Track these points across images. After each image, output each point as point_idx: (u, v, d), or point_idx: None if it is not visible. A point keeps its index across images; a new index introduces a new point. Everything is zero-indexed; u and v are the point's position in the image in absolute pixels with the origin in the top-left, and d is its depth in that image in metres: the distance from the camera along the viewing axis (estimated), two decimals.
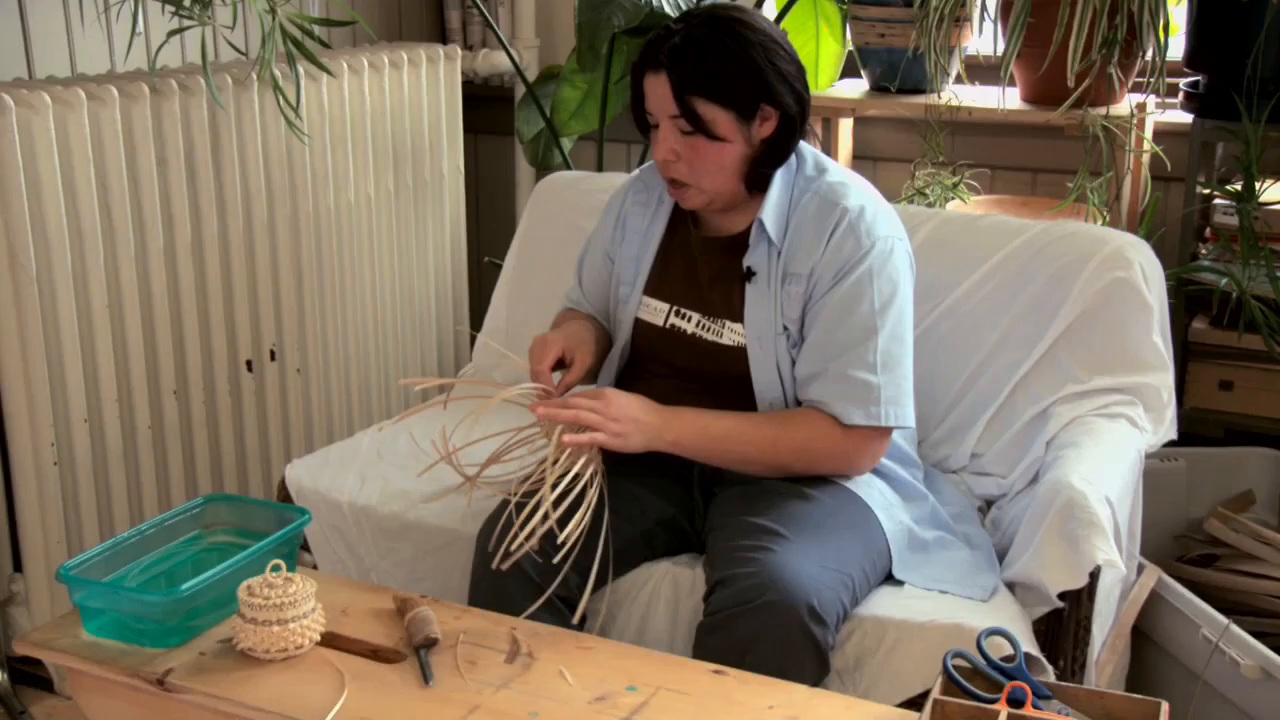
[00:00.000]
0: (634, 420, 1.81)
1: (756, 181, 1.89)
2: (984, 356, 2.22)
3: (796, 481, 1.86)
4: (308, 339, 2.79)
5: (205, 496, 1.88)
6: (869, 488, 1.90)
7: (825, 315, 1.86)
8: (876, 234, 1.85)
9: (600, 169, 2.94)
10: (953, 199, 2.81)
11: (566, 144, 3.09)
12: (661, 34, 1.85)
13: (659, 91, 1.84)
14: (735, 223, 1.95)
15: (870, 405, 1.83)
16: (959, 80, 2.84)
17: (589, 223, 2.26)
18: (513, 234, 2.68)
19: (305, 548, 2.15)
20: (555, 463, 1.75)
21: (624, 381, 2.03)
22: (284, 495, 2.19)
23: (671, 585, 1.89)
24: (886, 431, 1.87)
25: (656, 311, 1.99)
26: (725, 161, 1.86)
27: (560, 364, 1.93)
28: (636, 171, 2.12)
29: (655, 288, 2.01)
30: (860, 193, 1.90)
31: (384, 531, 2.09)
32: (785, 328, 1.88)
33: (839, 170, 1.94)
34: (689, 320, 1.96)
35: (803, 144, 1.94)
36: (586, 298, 2.13)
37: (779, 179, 1.90)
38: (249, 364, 2.68)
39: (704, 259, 1.97)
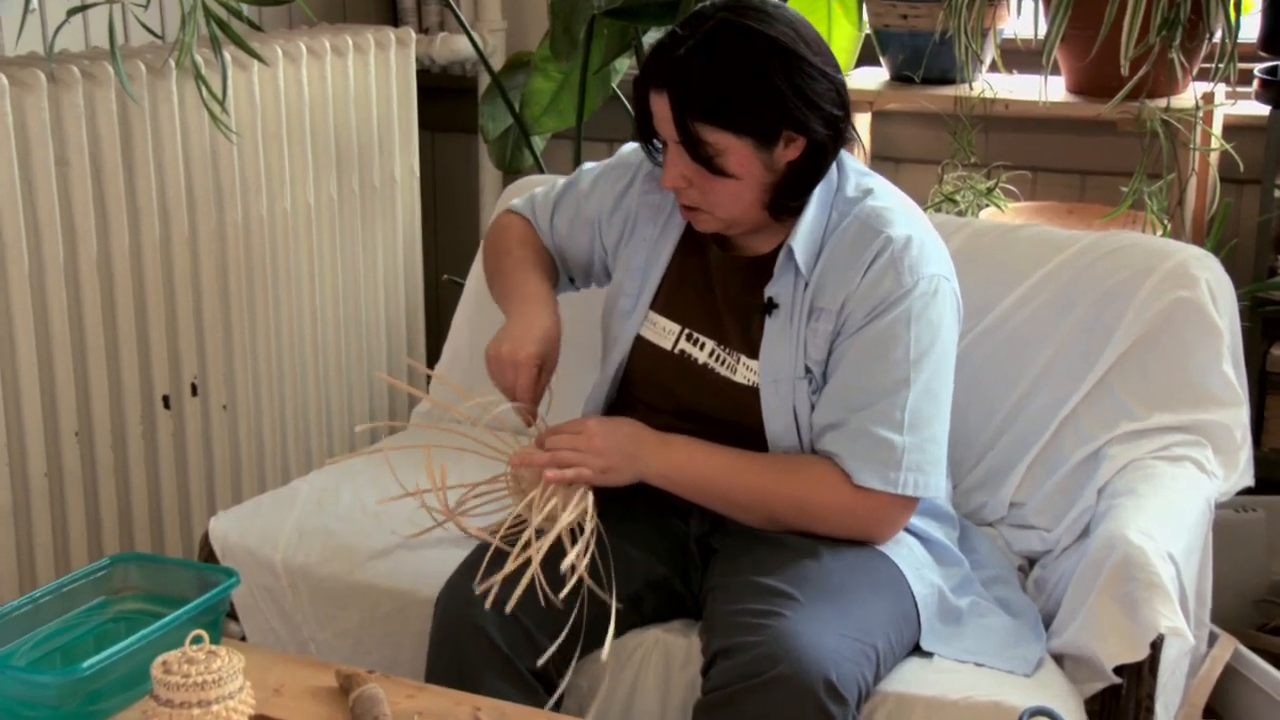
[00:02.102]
0: (620, 452, 1.84)
1: (782, 210, 1.89)
2: (1025, 390, 2.22)
3: (812, 536, 1.86)
4: (235, 371, 2.78)
5: (112, 556, 1.87)
6: (898, 545, 1.90)
7: (852, 357, 1.86)
8: (921, 271, 1.85)
9: None
10: (987, 206, 2.83)
11: (538, 143, 3.10)
12: (665, 43, 1.84)
13: (663, 113, 1.84)
14: (761, 243, 1.95)
15: (889, 469, 1.83)
16: (994, 68, 2.85)
17: None
18: (476, 247, 2.68)
19: (232, 615, 2.14)
20: (543, 505, 1.78)
21: (612, 413, 2.03)
22: (207, 553, 2.18)
23: (662, 656, 1.88)
24: (907, 501, 1.87)
25: (665, 332, 1.99)
26: (741, 192, 1.86)
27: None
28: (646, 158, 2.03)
29: (665, 305, 2.01)
30: (908, 220, 1.89)
31: (325, 595, 2.08)
32: (808, 369, 1.88)
33: (886, 191, 1.93)
34: (702, 348, 1.96)
35: (845, 156, 1.93)
36: (553, 239, 2.14)
37: (815, 199, 1.89)
38: (166, 400, 2.67)
39: (720, 279, 1.97)
